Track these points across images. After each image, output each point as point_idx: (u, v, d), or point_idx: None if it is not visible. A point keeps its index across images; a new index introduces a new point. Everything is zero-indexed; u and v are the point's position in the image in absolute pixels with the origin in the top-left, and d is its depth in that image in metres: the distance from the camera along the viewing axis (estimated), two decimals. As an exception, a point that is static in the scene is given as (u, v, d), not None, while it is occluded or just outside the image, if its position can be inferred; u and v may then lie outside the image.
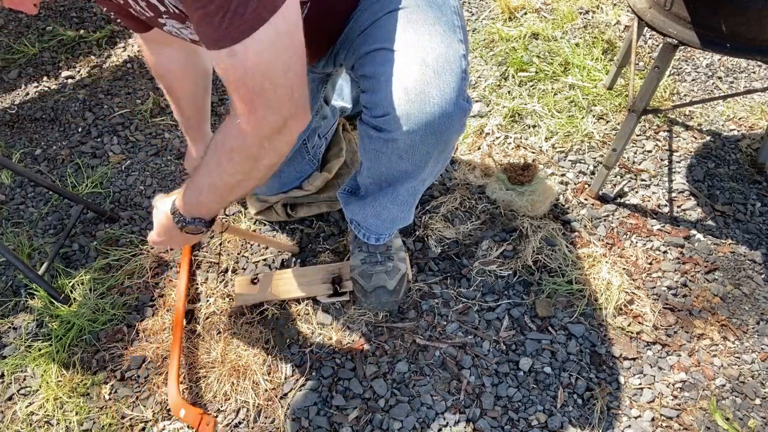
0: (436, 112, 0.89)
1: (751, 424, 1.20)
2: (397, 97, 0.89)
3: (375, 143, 0.98)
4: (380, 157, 1.00)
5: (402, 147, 0.95)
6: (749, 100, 1.95)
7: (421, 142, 0.94)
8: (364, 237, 1.30)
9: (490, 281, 1.44)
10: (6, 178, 1.77)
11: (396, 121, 0.90)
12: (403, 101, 0.89)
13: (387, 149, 0.97)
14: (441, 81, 0.89)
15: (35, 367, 1.33)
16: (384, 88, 0.89)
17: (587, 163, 1.75)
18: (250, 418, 1.23)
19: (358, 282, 1.35)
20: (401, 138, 0.93)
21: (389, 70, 0.89)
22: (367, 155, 1.03)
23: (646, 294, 1.42)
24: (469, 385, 1.26)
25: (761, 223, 1.57)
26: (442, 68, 0.89)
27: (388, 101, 0.90)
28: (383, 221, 1.22)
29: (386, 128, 0.93)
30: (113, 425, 1.23)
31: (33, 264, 1.53)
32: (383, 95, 0.90)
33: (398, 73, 0.89)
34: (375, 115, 0.93)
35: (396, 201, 1.13)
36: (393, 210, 1.16)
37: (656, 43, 2.19)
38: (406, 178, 1.05)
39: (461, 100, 0.92)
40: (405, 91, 0.89)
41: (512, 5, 2.32)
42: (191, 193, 0.95)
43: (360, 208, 1.22)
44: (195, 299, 1.44)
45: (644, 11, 1.37)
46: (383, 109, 0.91)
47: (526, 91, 1.99)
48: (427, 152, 0.97)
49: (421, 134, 0.92)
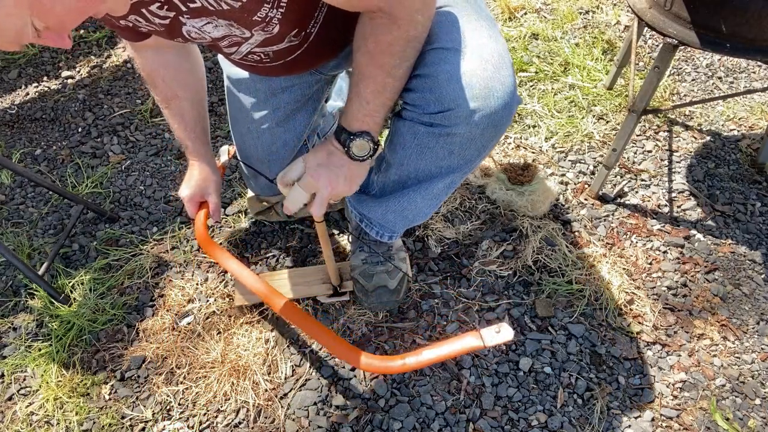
0: (500, 105, 0.92)
1: (751, 424, 1.20)
2: (461, 93, 0.91)
3: (423, 139, 0.99)
4: (426, 153, 1.01)
5: (459, 142, 0.97)
6: (749, 100, 1.95)
7: (481, 136, 0.96)
8: (377, 234, 1.29)
9: (490, 281, 1.44)
10: (6, 178, 1.77)
11: (459, 117, 0.93)
12: (468, 97, 0.91)
13: (438, 145, 0.98)
14: (501, 75, 0.92)
15: (35, 367, 1.33)
16: (444, 86, 0.91)
17: (587, 163, 1.75)
18: (250, 418, 1.23)
19: (359, 281, 1.35)
20: (461, 132, 0.95)
21: (447, 69, 0.91)
22: (406, 152, 1.03)
23: (646, 294, 1.42)
24: (469, 385, 1.26)
25: (761, 223, 1.57)
26: (498, 62, 0.92)
27: (449, 98, 0.91)
28: (404, 218, 1.20)
29: (445, 124, 0.94)
30: (113, 425, 1.23)
31: (33, 264, 1.53)
32: (444, 92, 0.91)
33: (458, 71, 0.91)
34: (431, 112, 0.94)
35: (428, 195, 1.12)
36: (421, 205, 1.15)
37: (656, 43, 2.19)
38: (449, 172, 1.06)
39: (515, 89, 0.96)
40: (470, 88, 0.91)
41: (512, 5, 2.32)
42: (356, 106, 0.94)
43: (378, 204, 1.20)
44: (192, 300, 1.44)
45: (644, 11, 1.37)
46: (443, 106, 0.92)
47: (526, 91, 1.99)
48: (483, 145, 1.00)
49: (483, 127, 0.94)
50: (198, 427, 1.21)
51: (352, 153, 0.96)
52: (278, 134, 1.30)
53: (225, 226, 1.61)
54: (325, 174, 0.98)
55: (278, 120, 1.28)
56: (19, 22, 0.61)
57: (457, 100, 0.91)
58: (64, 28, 0.67)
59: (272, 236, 1.57)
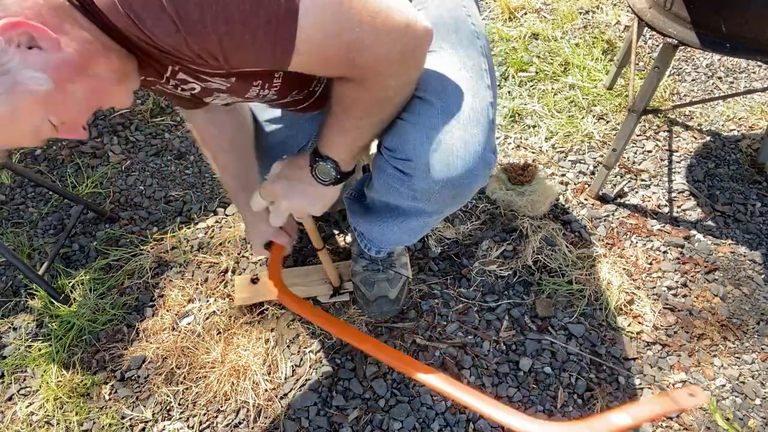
0: (460, 166, 0.87)
1: (751, 424, 1.20)
2: (421, 145, 0.87)
3: (391, 179, 0.95)
4: (393, 192, 0.98)
5: (419, 191, 0.93)
6: (749, 100, 1.95)
7: (440, 193, 0.92)
8: (365, 247, 1.29)
9: (490, 281, 1.44)
10: (6, 178, 1.77)
11: (417, 169, 0.89)
12: (426, 150, 0.86)
13: (403, 188, 0.94)
14: (466, 133, 0.87)
15: (35, 367, 1.33)
16: (408, 134, 0.87)
17: (587, 163, 1.75)
18: (250, 418, 1.23)
19: (360, 289, 1.35)
20: (420, 184, 0.91)
21: (414, 118, 0.87)
22: (380, 183, 1.00)
23: (646, 294, 1.42)
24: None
25: (761, 223, 1.57)
26: (468, 119, 0.87)
27: (410, 147, 0.87)
28: (388, 240, 1.20)
29: (407, 172, 0.91)
30: (113, 425, 1.23)
31: (33, 264, 1.53)
32: (406, 140, 0.88)
33: (423, 122, 0.87)
34: (397, 157, 0.91)
35: (404, 229, 1.10)
36: (401, 235, 1.13)
37: (656, 43, 2.19)
38: (419, 214, 1.03)
39: (487, 152, 0.89)
40: (429, 141, 0.86)
41: (512, 5, 2.32)
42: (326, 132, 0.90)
43: (365, 221, 1.18)
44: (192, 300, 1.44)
45: (644, 11, 1.37)
46: (405, 154, 0.89)
47: (526, 91, 1.99)
48: (444, 201, 0.95)
49: (441, 185, 0.90)
50: (198, 427, 1.21)
51: (316, 174, 0.94)
52: (279, 137, 1.30)
53: (225, 225, 1.61)
54: (283, 186, 0.98)
55: (284, 124, 1.28)
56: (37, 121, 0.65)
57: (416, 151, 0.87)
58: (78, 122, 0.71)
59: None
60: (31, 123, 0.65)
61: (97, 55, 0.65)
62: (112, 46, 0.66)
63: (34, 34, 0.59)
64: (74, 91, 0.65)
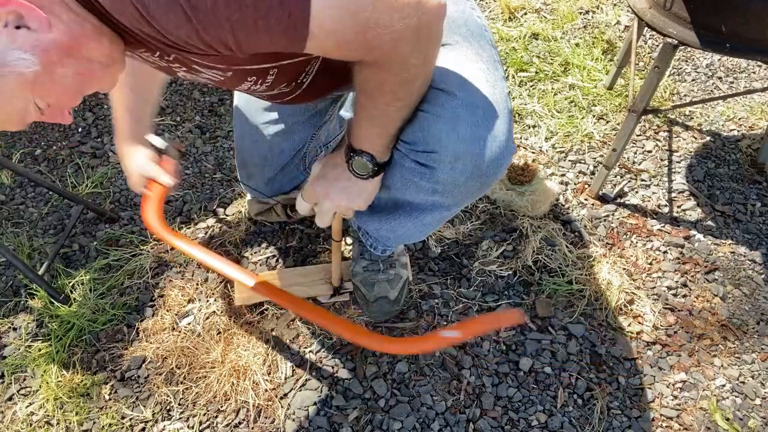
0: (487, 156, 0.88)
1: (751, 424, 1.20)
2: (447, 137, 0.87)
3: (410, 173, 0.94)
4: (411, 186, 0.97)
5: (442, 184, 0.92)
6: (749, 100, 1.95)
7: (464, 184, 0.92)
8: (371, 247, 1.28)
9: (490, 281, 1.44)
10: (6, 178, 1.77)
11: (443, 161, 0.88)
12: (453, 142, 0.86)
13: (423, 182, 0.94)
14: (492, 124, 0.87)
15: (35, 367, 1.33)
16: (432, 126, 0.87)
17: (587, 163, 1.75)
18: (250, 418, 1.23)
19: (360, 290, 1.35)
20: (444, 176, 0.90)
21: (436, 110, 0.86)
22: (394, 180, 0.99)
23: (646, 294, 1.42)
24: (469, 385, 1.26)
25: (761, 223, 1.57)
26: (492, 110, 0.87)
27: (435, 139, 0.87)
28: (396, 237, 1.19)
29: (430, 165, 0.90)
30: (113, 425, 1.23)
31: (33, 264, 1.53)
32: (430, 132, 0.87)
33: (447, 114, 0.86)
34: (419, 150, 0.90)
35: (418, 223, 1.09)
36: (412, 230, 1.12)
37: (656, 43, 2.19)
38: (437, 208, 1.03)
39: (509, 141, 0.90)
40: (456, 133, 0.86)
41: (512, 5, 2.32)
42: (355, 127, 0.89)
43: (373, 218, 1.17)
44: (192, 300, 1.44)
45: (644, 11, 1.37)
46: (430, 146, 0.88)
47: (526, 91, 1.99)
48: (468, 192, 0.95)
49: (467, 176, 0.90)
50: (198, 427, 1.21)
51: (353, 170, 0.93)
52: (276, 143, 1.30)
53: (224, 226, 1.61)
54: (324, 186, 0.97)
55: (279, 131, 1.28)
56: (23, 104, 0.63)
57: (441, 143, 0.87)
58: (65, 105, 0.69)
59: (272, 236, 1.57)
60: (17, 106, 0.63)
61: (87, 38, 0.62)
62: (103, 29, 0.64)
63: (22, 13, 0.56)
64: (63, 74, 0.63)
